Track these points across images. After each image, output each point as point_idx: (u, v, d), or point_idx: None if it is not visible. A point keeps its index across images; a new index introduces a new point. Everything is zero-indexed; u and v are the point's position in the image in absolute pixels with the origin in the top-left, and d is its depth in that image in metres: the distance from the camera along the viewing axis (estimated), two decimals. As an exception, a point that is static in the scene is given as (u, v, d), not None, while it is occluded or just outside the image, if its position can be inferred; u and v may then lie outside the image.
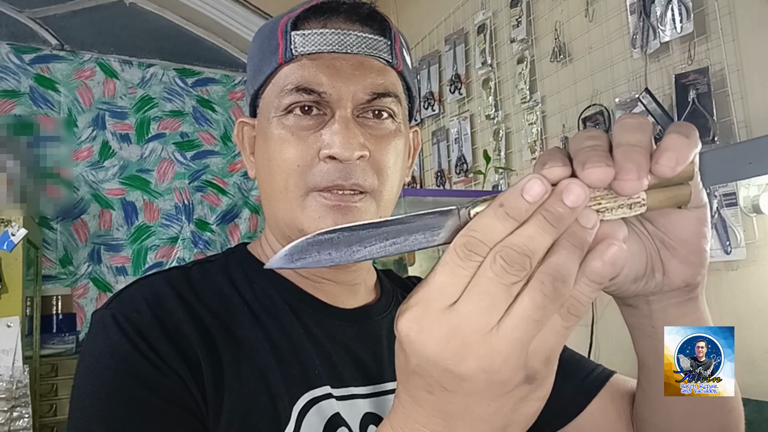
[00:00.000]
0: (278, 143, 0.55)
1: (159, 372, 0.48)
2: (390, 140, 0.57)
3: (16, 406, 1.81)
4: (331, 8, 0.56)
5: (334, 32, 0.56)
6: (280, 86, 0.56)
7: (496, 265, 0.30)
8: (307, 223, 0.55)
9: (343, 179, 0.53)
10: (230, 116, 3.04)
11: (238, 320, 0.55)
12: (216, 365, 0.51)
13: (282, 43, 0.55)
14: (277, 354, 0.54)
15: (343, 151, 0.52)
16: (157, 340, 0.50)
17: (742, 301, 1.39)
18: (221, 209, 2.94)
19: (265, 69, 0.57)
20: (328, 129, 0.54)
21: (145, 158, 2.82)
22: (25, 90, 2.59)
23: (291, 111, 0.55)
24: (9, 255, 1.94)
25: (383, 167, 0.56)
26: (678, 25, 1.51)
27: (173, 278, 0.57)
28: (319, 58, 0.55)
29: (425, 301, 0.31)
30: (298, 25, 0.56)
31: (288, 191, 0.55)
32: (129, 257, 2.72)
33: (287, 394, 0.52)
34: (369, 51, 0.57)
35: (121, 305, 0.53)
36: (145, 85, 2.87)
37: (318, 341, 0.57)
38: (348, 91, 0.54)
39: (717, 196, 1.40)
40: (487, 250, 0.30)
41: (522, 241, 0.30)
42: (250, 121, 0.62)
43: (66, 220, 2.61)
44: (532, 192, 0.30)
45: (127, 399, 0.47)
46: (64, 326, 2.56)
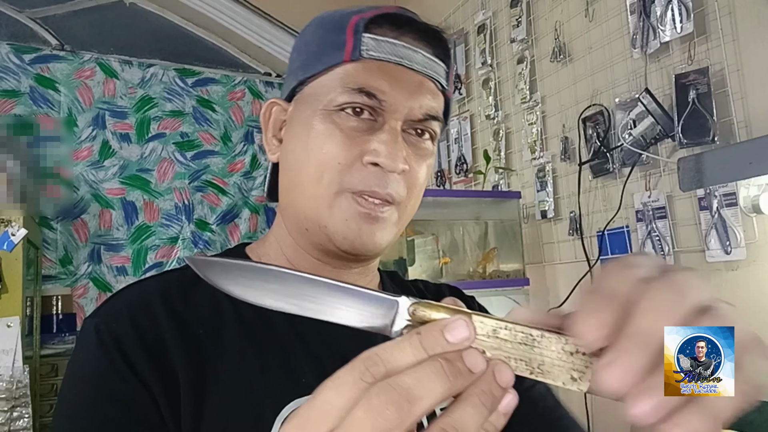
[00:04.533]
0: (322, 136, 0.55)
1: (128, 387, 0.48)
2: (426, 159, 0.59)
3: (16, 406, 1.81)
4: (407, 22, 0.57)
5: (405, 46, 0.56)
6: (339, 82, 0.55)
7: (369, 405, 0.27)
8: (332, 222, 0.55)
9: (379, 187, 0.54)
10: (230, 116, 3.04)
11: (227, 326, 0.54)
12: (197, 377, 0.50)
13: (351, 41, 0.55)
14: (265, 361, 0.53)
15: (390, 162, 0.53)
16: (133, 352, 0.50)
17: (742, 301, 1.39)
18: (221, 209, 2.94)
19: (325, 60, 0.56)
20: (376, 136, 0.54)
21: (145, 158, 2.82)
22: (25, 90, 2.59)
23: (343, 109, 0.55)
24: (9, 255, 1.94)
25: (415, 183, 0.57)
26: (678, 25, 1.51)
27: (165, 283, 0.57)
28: (386, 66, 0.55)
29: (307, 418, 0.28)
30: (371, 29, 0.56)
31: (320, 185, 0.55)
32: (129, 257, 2.72)
33: (272, 404, 0.51)
34: (431, 73, 0.58)
35: (106, 314, 0.53)
36: (145, 85, 2.87)
37: (310, 347, 0.56)
38: (405, 105, 0.55)
39: (717, 196, 1.40)
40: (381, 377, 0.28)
41: (408, 384, 0.27)
42: (283, 104, 0.61)
43: (66, 220, 2.61)
44: (455, 334, 0.29)
45: (96, 414, 0.48)
46: (64, 326, 2.56)
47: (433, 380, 0.28)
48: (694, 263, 1.51)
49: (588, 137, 1.84)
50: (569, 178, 1.93)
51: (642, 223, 1.63)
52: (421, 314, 0.31)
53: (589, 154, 1.83)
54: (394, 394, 0.27)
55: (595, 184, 1.83)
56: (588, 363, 0.31)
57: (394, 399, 0.27)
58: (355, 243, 0.55)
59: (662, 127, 1.55)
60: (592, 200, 1.85)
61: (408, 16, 0.57)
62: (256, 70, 3.15)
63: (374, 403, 0.27)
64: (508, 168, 2.23)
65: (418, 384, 0.27)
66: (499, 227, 2.03)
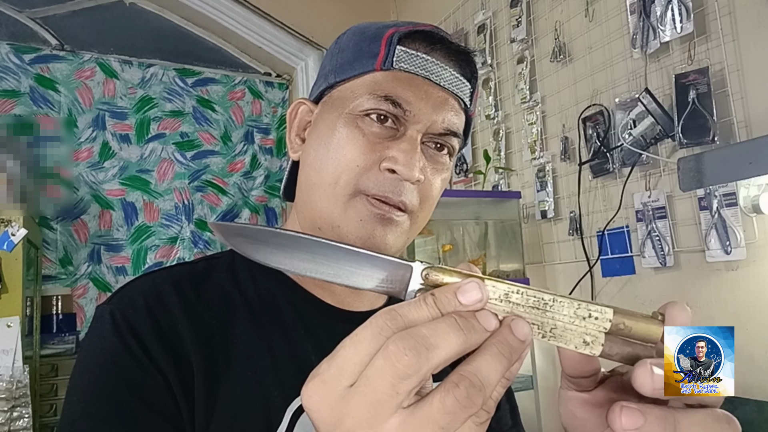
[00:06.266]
0: (344, 139, 0.57)
1: (144, 373, 0.49)
2: (441, 173, 0.60)
3: (16, 406, 1.81)
4: (440, 40, 0.59)
5: (435, 62, 0.58)
6: (368, 88, 0.57)
7: (387, 352, 0.28)
8: (345, 222, 0.56)
9: (393, 194, 0.55)
10: (230, 116, 3.04)
11: (237, 320, 0.55)
12: (209, 366, 0.51)
13: (384, 51, 0.58)
14: (274, 355, 0.54)
15: (407, 170, 0.54)
16: (149, 339, 0.50)
17: (742, 301, 1.39)
18: (221, 209, 2.94)
19: (357, 67, 0.59)
20: (396, 144, 0.56)
21: (145, 158, 2.82)
22: (25, 90, 2.59)
23: (368, 115, 0.57)
24: (9, 255, 1.94)
25: (429, 195, 0.59)
26: (678, 25, 1.51)
27: (177, 274, 0.58)
28: (414, 78, 0.57)
29: (327, 375, 0.29)
30: (404, 42, 0.58)
31: (337, 186, 0.56)
32: (129, 257, 2.72)
33: (282, 396, 0.52)
34: (456, 91, 0.60)
35: (121, 301, 0.54)
36: (145, 85, 2.86)
37: (319, 343, 0.57)
38: (428, 118, 0.57)
39: (717, 196, 1.40)
40: None
41: (425, 333, 0.28)
42: (310, 105, 0.63)
43: (66, 220, 2.61)
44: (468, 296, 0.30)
45: (109, 399, 0.48)
46: (64, 326, 2.56)
47: (448, 331, 0.29)
48: (694, 263, 1.51)
49: (588, 137, 1.84)
50: (569, 178, 1.93)
51: (642, 223, 1.63)
52: (435, 278, 0.32)
53: (589, 154, 1.83)
54: (412, 341, 0.28)
55: (595, 184, 1.83)
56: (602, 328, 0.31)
57: (411, 345, 0.28)
58: (367, 244, 0.56)
59: (662, 127, 1.55)
60: (592, 200, 1.85)
61: (441, 35, 0.59)
62: (256, 70, 3.15)
63: (391, 349, 0.28)
64: (508, 168, 2.23)
65: (434, 333, 0.28)
66: (499, 227, 2.03)
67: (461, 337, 0.29)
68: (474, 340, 0.29)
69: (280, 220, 3.07)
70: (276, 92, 3.16)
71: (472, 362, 0.29)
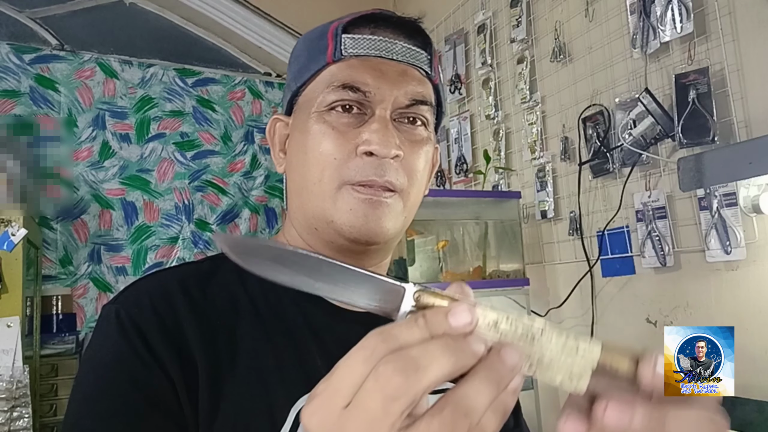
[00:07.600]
0: (317, 137, 0.57)
1: (149, 373, 0.49)
2: (421, 146, 0.60)
3: (16, 406, 1.81)
4: (382, 18, 0.60)
5: (382, 39, 0.59)
6: (326, 83, 0.58)
7: (377, 374, 0.28)
8: (338, 215, 0.56)
9: (377, 175, 0.55)
10: (230, 116, 3.04)
11: (242, 319, 0.56)
12: (214, 365, 0.51)
13: (332, 44, 0.58)
14: (279, 355, 0.54)
15: (382, 148, 0.55)
16: (154, 338, 0.50)
17: (742, 301, 1.39)
18: (221, 209, 2.94)
19: (312, 67, 0.60)
20: (367, 127, 0.56)
21: (145, 158, 2.82)
22: (25, 90, 2.59)
23: (333, 108, 0.57)
24: (9, 255, 1.94)
25: (414, 170, 0.59)
26: (678, 25, 1.51)
27: (183, 274, 0.58)
28: (367, 61, 0.58)
29: (324, 396, 0.30)
30: (349, 30, 0.59)
31: (322, 183, 0.57)
32: (129, 257, 2.72)
33: (286, 396, 0.52)
34: (412, 61, 0.60)
35: (126, 301, 0.54)
36: (145, 85, 2.86)
37: (324, 343, 0.57)
38: (390, 94, 0.57)
39: (717, 196, 1.40)
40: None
41: (414, 355, 0.28)
42: (284, 119, 0.65)
43: (66, 220, 2.61)
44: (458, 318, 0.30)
45: (114, 398, 0.48)
46: (64, 326, 2.56)
47: (438, 354, 0.29)
48: (694, 263, 1.51)
49: (588, 137, 1.84)
50: (569, 178, 1.93)
51: (642, 223, 1.63)
52: (425, 301, 0.33)
53: (589, 154, 1.83)
54: (401, 362, 0.28)
55: (595, 184, 1.83)
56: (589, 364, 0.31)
57: (401, 367, 0.28)
58: (363, 230, 0.56)
59: (662, 127, 1.55)
60: (592, 200, 1.85)
61: (384, 14, 0.60)
62: (256, 70, 3.15)
63: (381, 371, 0.28)
64: (508, 168, 2.23)
65: (424, 354, 0.28)
66: (499, 227, 2.02)
67: (451, 360, 0.29)
68: (463, 363, 0.29)
69: (280, 220, 3.08)
70: (276, 92, 3.16)
71: (459, 388, 0.29)
